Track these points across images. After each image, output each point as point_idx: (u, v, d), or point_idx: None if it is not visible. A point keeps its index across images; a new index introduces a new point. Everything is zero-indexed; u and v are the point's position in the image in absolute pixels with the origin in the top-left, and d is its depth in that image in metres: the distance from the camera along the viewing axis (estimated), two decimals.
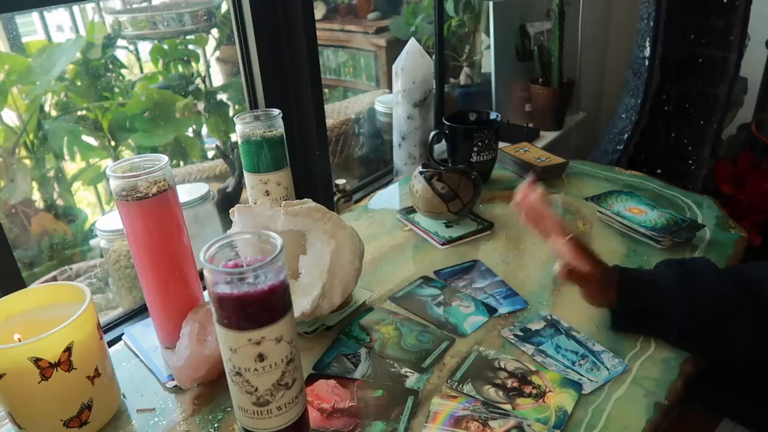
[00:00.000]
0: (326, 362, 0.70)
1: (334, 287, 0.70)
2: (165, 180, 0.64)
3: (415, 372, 0.67)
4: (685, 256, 0.86)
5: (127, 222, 0.64)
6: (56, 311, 0.61)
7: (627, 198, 0.99)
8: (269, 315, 0.48)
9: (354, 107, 1.84)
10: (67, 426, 0.58)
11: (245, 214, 0.72)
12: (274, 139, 0.83)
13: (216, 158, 1.55)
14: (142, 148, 1.44)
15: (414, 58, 1.18)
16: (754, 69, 1.93)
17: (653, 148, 1.74)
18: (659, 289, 0.68)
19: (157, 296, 0.69)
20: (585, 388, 0.63)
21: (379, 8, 2.14)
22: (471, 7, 1.94)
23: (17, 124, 1.26)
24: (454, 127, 1.11)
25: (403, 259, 0.91)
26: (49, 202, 1.33)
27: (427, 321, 0.76)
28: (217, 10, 1.61)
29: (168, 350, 0.71)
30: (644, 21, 1.65)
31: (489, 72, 1.83)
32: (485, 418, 0.60)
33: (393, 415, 0.61)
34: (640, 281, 0.69)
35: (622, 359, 0.67)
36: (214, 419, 0.63)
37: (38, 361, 0.54)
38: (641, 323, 0.70)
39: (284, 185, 0.86)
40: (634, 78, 1.72)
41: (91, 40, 1.35)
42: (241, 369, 0.49)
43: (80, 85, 1.38)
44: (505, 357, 0.68)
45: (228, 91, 1.62)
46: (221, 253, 0.49)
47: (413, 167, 1.23)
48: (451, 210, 0.95)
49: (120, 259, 1.06)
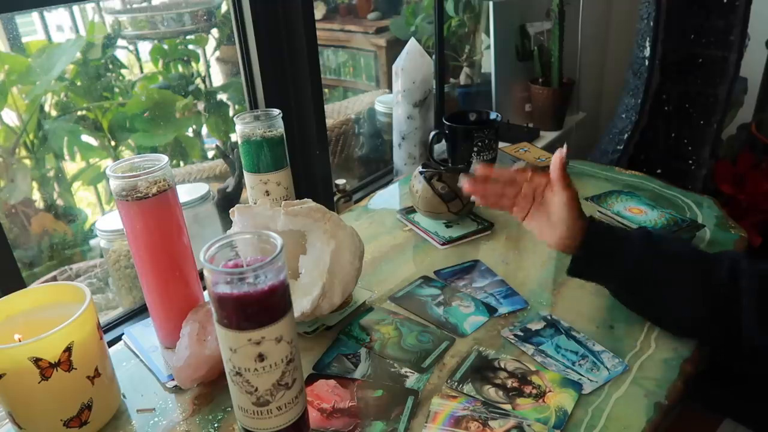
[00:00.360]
0: (326, 362, 0.70)
1: (334, 287, 0.70)
2: (165, 180, 0.64)
3: (415, 372, 0.67)
4: None
5: (127, 222, 0.64)
6: (56, 311, 0.61)
7: (627, 198, 0.99)
8: (269, 315, 0.48)
9: (354, 107, 1.84)
10: (67, 426, 0.58)
11: (245, 214, 0.72)
12: (274, 139, 0.83)
13: (216, 158, 1.55)
14: (142, 148, 1.44)
15: (414, 58, 1.18)
16: (754, 69, 1.93)
17: (653, 148, 1.74)
18: (621, 238, 0.70)
19: (157, 296, 0.69)
20: (585, 388, 0.63)
21: (379, 8, 2.14)
22: (471, 7, 1.94)
23: (17, 124, 1.26)
24: (454, 127, 1.11)
25: (403, 259, 0.91)
26: (49, 202, 1.33)
27: (427, 321, 0.76)
28: (217, 10, 1.61)
29: (168, 350, 0.71)
30: (644, 21, 1.65)
31: (489, 72, 1.83)
32: (485, 418, 0.60)
33: (393, 415, 0.61)
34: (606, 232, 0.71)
35: (622, 359, 0.67)
36: (214, 419, 0.63)
37: (38, 361, 0.54)
38: (594, 266, 0.71)
39: (284, 185, 0.86)
40: (634, 78, 1.72)
41: (91, 40, 1.35)
42: (241, 369, 0.49)
43: (80, 85, 1.38)
44: (505, 357, 0.68)
45: (228, 91, 1.62)
46: (221, 253, 0.49)
47: (413, 167, 1.23)
48: (451, 210, 0.95)
49: (120, 259, 1.06)
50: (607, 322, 0.73)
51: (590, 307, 0.76)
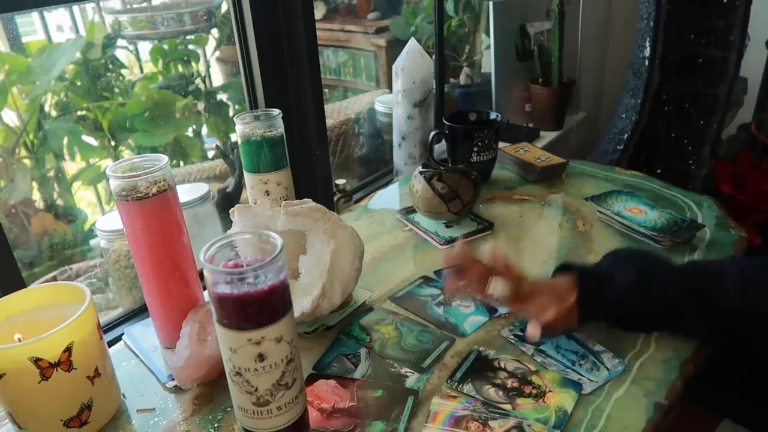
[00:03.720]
0: (326, 362, 0.70)
1: (334, 287, 0.70)
2: (165, 180, 0.64)
3: (415, 372, 0.67)
4: (685, 256, 0.86)
5: (127, 222, 0.64)
6: (56, 311, 0.61)
7: (627, 198, 0.99)
8: (269, 315, 0.48)
9: (354, 107, 1.84)
10: (67, 426, 0.58)
11: (245, 214, 0.72)
12: (274, 139, 0.83)
13: (216, 158, 1.55)
14: (142, 148, 1.44)
15: (414, 58, 1.18)
16: (754, 69, 1.93)
17: (653, 148, 1.74)
18: (615, 291, 0.66)
19: (157, 296, 0.69)
20: (585, 388, 0.63)
21: (379, 8, 2.14)
22: (471, 7, 1.94)
23: (17, 124, 1.27)
24: (454, 127, 1.11)
25: (403, 259, 0.91)
26: (49, 202, 1.33)
27: (427, 321, 0.76)
28: (217, 10, 1.61)
29: (168, 350, 0.71)
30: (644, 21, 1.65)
31: (489, 72, 1.83)
32: (485, 418, 0.60)
33: (393, 415, 0.61)
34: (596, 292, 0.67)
35: (622, 359, 0.67)
36: (214, 419, 0.63)
37: (38, 361, 0.54)
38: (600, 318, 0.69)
39: (284, 185, 0.86)
40: (634, 78, 1.72)
41: (91, 40, 1.35)
42: (241, 369, 0.49)
43: (80, 85, 1.38)
44: (505, 357, 0.68)
45: (228, 91, 1.62)
46: (221, 253, 0.49)
47: (413, 167, 1.23)
48: (451, 210, 0.95)
49: (120, 259, 1.06)
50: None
51: None
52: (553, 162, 1.14)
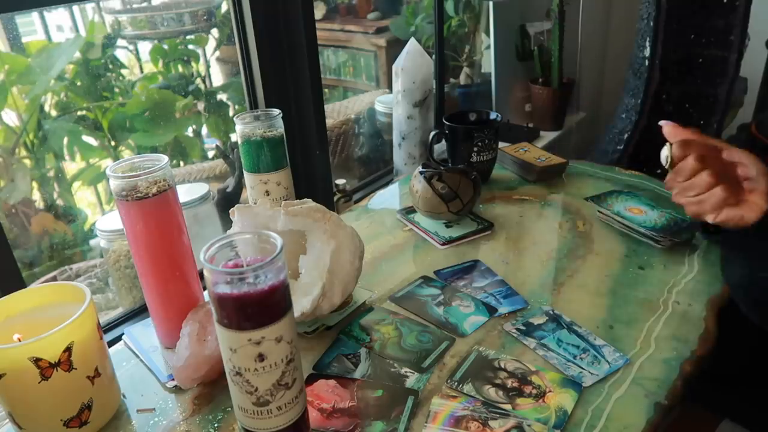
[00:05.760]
0: (326, 362, 0.70)
1: (334, 287, 0.70)
2: (165, 180, 0.64)
3: (415, 372, 0.67)
4: (684, 257, 0.86)
5: (127, 222, 0.64)
6: (56, 311, 0.61)
7: (627, 198, 0.99)
8: (269, 315, 0.48)
9: (354, 107, 1.84)
10: (67, 426, 0.58)
11: (245, 214, 0.72)
12: (274, 139, 0.83)
13: (216, 158, 1.56)
14: (142, 148, 1.44)
15: (414, 58, 1.18)
16: (754, 69, 1.93)
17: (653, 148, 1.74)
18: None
19: (157, 296, 0.69)
20: (586, 381, 0.64)
21: (379, 8, 2.14)
22: (471, 7, 1.94)
23: (17, 124, 1.27)
24: (454, 127, 1.11)
25: (403, 259, 0.91)
26: (49, 202, 1.33)
27: (427, 321, 0.76)
28: (217, 10, 1.61)
29: (168, 350, 0.71)
30: (644, 21, 1.65)
31: (489, 72, 1.83)
32: (485, 418, 0.60)
33: (393, 415, 0.61)
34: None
35: (624, 353, 0.67)
36: (214, 419, 0.63)
37: (38, 361, 0.54)
38: None
39: (284, 185, 0.86)
40: (634, 78, 1.72)
41: (90, 40, 1.35)
42: (241, 369, 0.49)
43: (80, 85, 1.39)
44: (505, 357, 0.69)
45: (228, 91, 1.62)
46: (221, 253, 0.49)
47: (413, 167, 1.23)
48: (451, 210, 0.95)
49: (120, 259, 1.06)
50: (606, 321, 0.73)
51: (590, 306, 0.76)
52: (553, 162, 1.14)
